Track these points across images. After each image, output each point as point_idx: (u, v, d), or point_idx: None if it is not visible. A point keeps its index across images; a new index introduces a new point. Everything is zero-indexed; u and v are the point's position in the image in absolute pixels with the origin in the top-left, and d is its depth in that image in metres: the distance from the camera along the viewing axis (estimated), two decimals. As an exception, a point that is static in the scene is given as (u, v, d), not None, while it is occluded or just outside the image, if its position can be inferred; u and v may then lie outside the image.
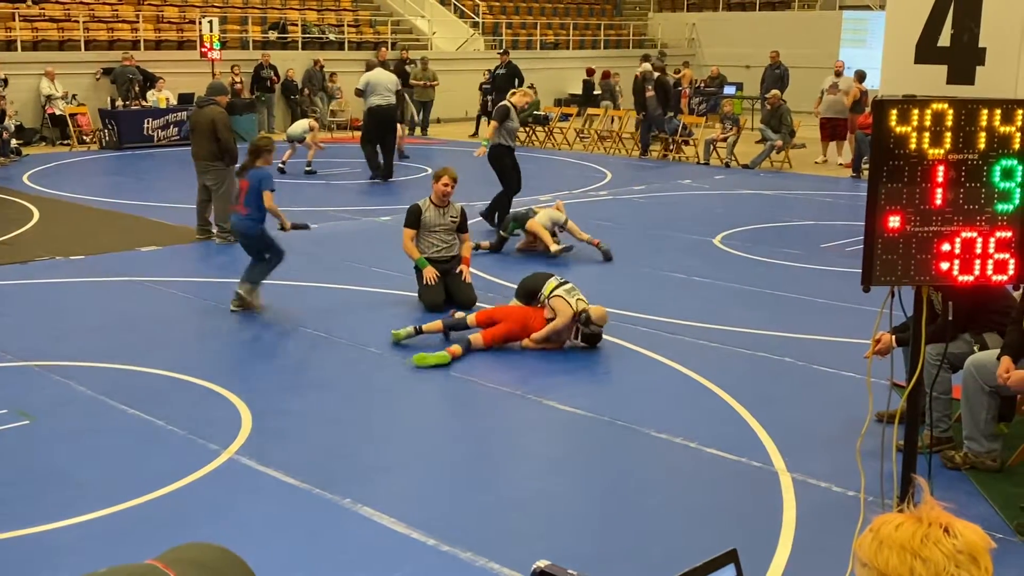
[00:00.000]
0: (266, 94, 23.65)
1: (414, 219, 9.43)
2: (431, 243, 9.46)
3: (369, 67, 17.25)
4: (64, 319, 8.97)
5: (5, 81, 19.48)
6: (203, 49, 22.29)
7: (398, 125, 18.07)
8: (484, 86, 23.51)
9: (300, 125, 18.14)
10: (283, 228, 9.55)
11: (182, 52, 23.43)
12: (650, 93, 20.01)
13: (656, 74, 20.33)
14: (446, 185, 9.34)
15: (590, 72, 26.02)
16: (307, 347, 8.36)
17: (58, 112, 20.94)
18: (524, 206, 12.46)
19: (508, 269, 10.96)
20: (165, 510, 5.44)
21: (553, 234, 11.60)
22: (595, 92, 25.55)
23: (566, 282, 8.40)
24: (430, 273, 9.20)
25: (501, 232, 11.80)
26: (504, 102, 13.17)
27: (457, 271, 9.40)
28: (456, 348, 7.96)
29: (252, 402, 6.97)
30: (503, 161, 12.80)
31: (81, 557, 4.91)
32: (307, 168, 17.51)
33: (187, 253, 11.71)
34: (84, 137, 20.92)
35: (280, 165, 17.69)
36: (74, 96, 21.31)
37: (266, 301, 9.34)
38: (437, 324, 8.29)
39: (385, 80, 16.57)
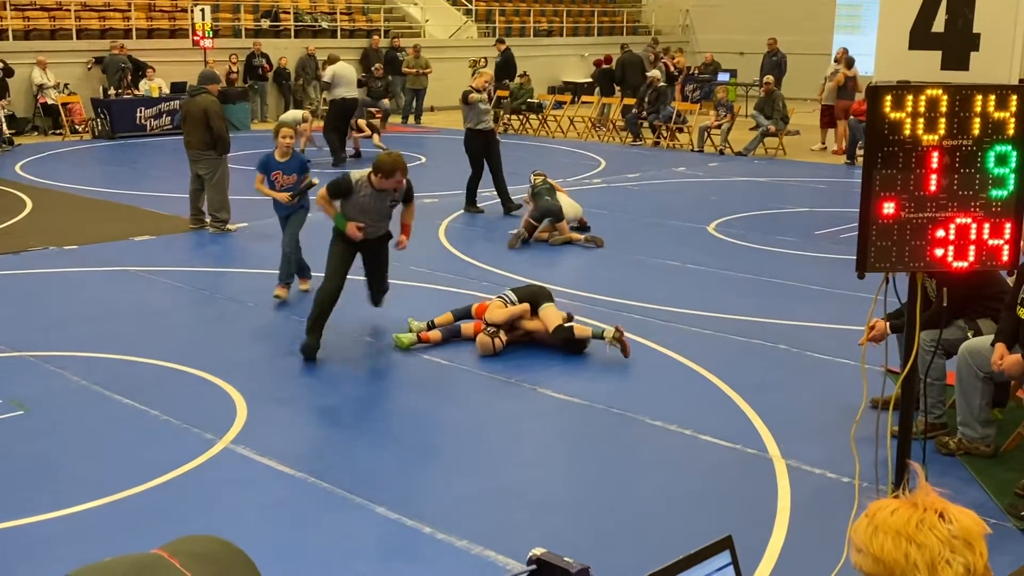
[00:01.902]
0: (259, 83, 23.58)
1: (341, 191, 7.83)
2: (358, 221, 7.99)
3: (332, 60, 17.76)
4: (58, 309, 8.95)
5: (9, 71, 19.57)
6: (195, 38, 22.19)
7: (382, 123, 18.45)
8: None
9: (293, 114, 18.08)
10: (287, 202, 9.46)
11: (174, 40, 23.33)
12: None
13: (662, 85, 20.65)
14: (399, 182, 7.82)
15: (607, 60, 25.36)
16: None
17: (50, 101, 20.86)
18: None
19: (509, 260, 10.97)
20: (160, 500, 5.44)
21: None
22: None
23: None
24: (353, 229, 7.82)
25: (532, 222, 11.77)
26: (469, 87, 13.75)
27: (395, 243, 8.24)
28: (435, 334, 8.05)
29: (247, 391, 6.96)
30: (469, 144, 13.38)
31: (76, 547, 4.90)
32: None
33: (181, 242, 11.69)
34: (76, 126, 20.86)
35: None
36: (66, 85, 21.23)
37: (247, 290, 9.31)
38: (436, 335, 8.10)
39: (349, 73, 17.68)
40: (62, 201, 13.93)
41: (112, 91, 20.76)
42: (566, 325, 7.85)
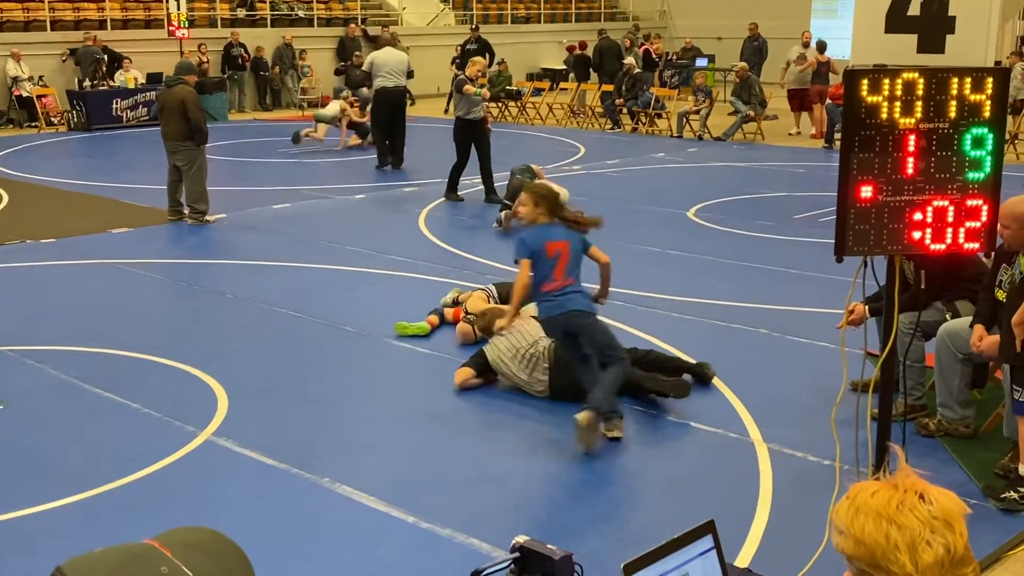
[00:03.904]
0: (238, 72, 23.46)
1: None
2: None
3: (380, 45, 16.74)
4: (36, 303, 8.90)
5: None
6: (171, 28, 22.06)
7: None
8: (456, 61, 23.39)
9: (332, 108, 17.87)
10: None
11: (150, 31, 23.17)
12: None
13: (639, 71, 20.74)
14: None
15: (582, 46, 25.15)
16: (282, 327, 8.32)
17: (25, 94, 20.68)
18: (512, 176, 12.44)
19: (490, 249, 10.96)
20: (142, 493, 5.41)
21: None
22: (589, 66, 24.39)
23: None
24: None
25: (506, 202, 11.78)
26: (460, 75, 13.69)
27: None
28: (433, 318, 8.07)
29: (228, 383, 6.93)
30: (458, 133, 13.23)
31: (58, 541, 4.88)
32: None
33: (159, 234, 11.62)
34: (52, 119, 20.69)
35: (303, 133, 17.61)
36: (41, 78, 21.05)
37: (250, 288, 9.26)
38: (435, 319, 8.12)
39: (392, 61, 15.67)
40: (39, 194, 13.83)
41: (87, 83, 20.60)
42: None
